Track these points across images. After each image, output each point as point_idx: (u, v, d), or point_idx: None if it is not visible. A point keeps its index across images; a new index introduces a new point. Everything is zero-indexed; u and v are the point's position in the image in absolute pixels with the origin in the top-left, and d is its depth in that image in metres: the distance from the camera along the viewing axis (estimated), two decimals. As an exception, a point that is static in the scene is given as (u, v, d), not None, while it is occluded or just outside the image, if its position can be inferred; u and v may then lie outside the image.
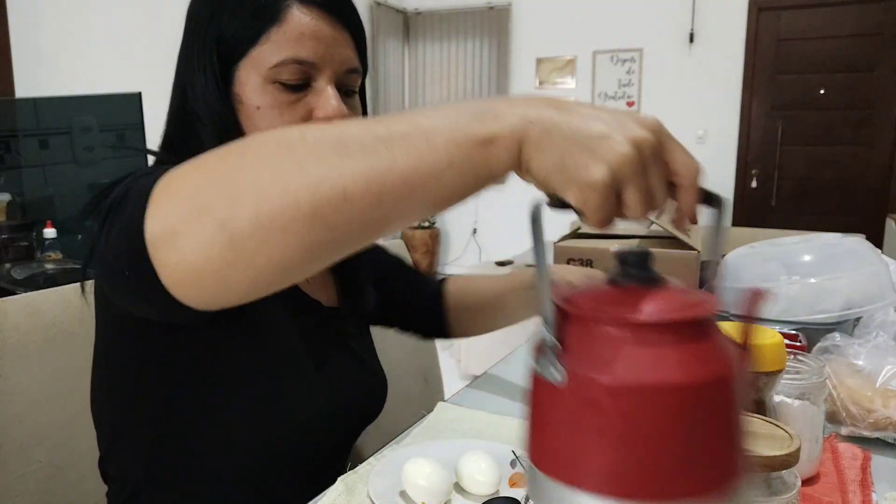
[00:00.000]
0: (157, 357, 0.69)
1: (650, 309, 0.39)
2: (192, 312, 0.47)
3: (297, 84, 0.69)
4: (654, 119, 0.41)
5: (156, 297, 0.46)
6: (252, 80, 0.68)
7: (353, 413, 0.84)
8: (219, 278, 0.43)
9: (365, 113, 0.79)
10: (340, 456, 0.87)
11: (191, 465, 0.73)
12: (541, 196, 0.43)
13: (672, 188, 0.42)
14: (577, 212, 0.42)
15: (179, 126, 0.73)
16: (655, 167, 0.40)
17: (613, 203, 0.40)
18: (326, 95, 0.70)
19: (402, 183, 0.41)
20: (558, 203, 0.43)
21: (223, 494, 0.75)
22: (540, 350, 0.40)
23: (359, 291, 0.89)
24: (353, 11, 0.73)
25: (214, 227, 0.41)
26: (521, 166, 0.42)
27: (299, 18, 0.67)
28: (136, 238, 0.44)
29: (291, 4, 0.67)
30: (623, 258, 0.42)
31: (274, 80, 0.68)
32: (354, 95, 0.75)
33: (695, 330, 0.39)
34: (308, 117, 0.70)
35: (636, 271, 0.41)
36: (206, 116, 0.70)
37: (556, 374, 0.38)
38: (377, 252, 1.02)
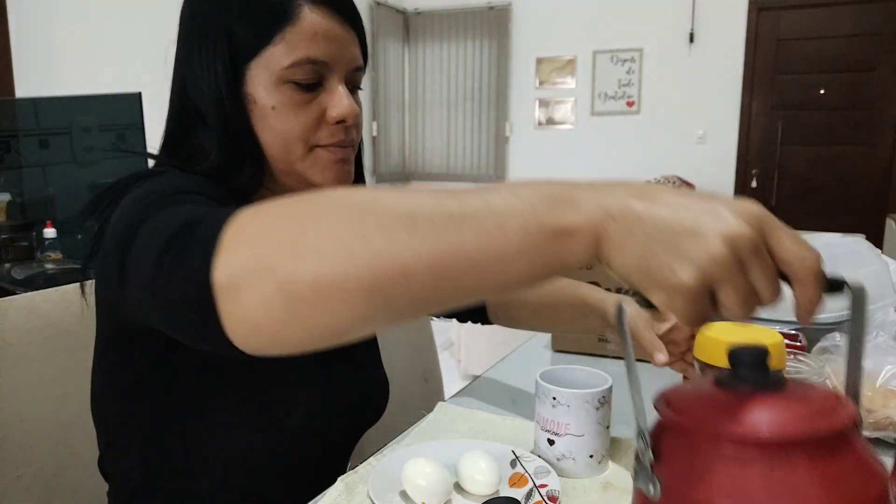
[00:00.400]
0: (156, 361, 0.69)
1: (770, 421, 0.33)
2: (243, 355, 0.47)
3: (310, 84, 0.69)
4: (755, 207, 0.37)
5: (214, 339, 0.46)
6: (264, 79, 0.68)
7: (352, 419, 0.84)
8: (273, 334, 0.43)
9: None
10: (340, 460, 0.87)
11: (188, 467, 0.73)
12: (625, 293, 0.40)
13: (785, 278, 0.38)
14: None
15: (180, 127, 0.73)
16: (757, 263, 0.36)
17: (706, 305, 0.36)
18: (339, 94, 0.70)
19: (467, 265, 0.39)
20: (646, 302, 0.38)
21: (222, 497, 0.75)
22: (637, 458, 0.36)
23: None
24: (356, 9, 0.73)
25: (274, 288, 0.41)
26: (599, 260, 0.39)
27: (312, 18, 0.68)
28: (204, 284, 0.44)
29: (303, 4, 0.68)
30: (736, 358, 0.37)
31: (288, 79, 0.68)
32: (357, 92, 0.76)
33: (829, 445, 0.32)
34: (321, 116, 0.71)
35: (752, 373, 0.36)
36: (212, 117, 0.69)
37: (651, 490, 0.35)
38: None
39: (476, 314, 0.99)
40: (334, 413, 0.79)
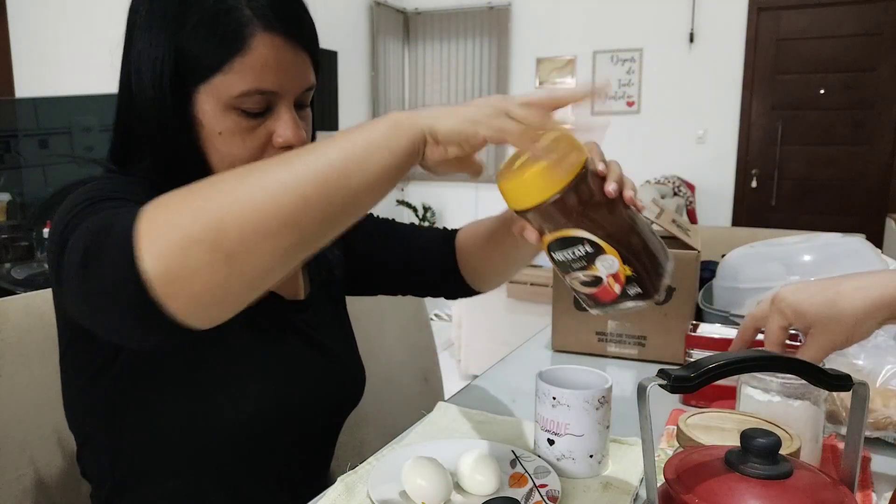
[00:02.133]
0: (106, 359, 0.70)
1: None
2: (191, 333, 0.50)
3: (257, 112, 0.69)
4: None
5: (159, 327, 0.49)
6: (212, 105, 0.68)
7: (321, 406, 0.82)
8: (214, 297, 0.49)
9: (314, 121, 0.79)
10: (323, 451, 0.86)
11: (154, 464, 0.73)
12: (650, 375, 0.42)
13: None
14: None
15: (127, 133, 0.73)
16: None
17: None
18: (285, 121, 0.70)
19: (342, 176, 0.51)
20: (675, 387, 0.41)
21: (197, 493, 0.75)
22: None
23: (327, 282, 0.89)
24: (312, 29, 0.72)
25: (207, 253, 0.47)
26: (429, 142, 0.56)
27: (262, 49, 0.66)
28: (134, 279, 0.47)
29: (255, 31, 0.66)
30: (748, 444, 0.39)
31: (235, 107, 0.68)
32: (307, 108, 0.75)
33: None
34: (268, 141, 0.70)
35: (761, 463, 0.38)
36: (157, 133, 0.69)
37: None
38: (370, 223, 0.97)
39: (455, 285, 0.94)
40: (293, 401, 0.77)
